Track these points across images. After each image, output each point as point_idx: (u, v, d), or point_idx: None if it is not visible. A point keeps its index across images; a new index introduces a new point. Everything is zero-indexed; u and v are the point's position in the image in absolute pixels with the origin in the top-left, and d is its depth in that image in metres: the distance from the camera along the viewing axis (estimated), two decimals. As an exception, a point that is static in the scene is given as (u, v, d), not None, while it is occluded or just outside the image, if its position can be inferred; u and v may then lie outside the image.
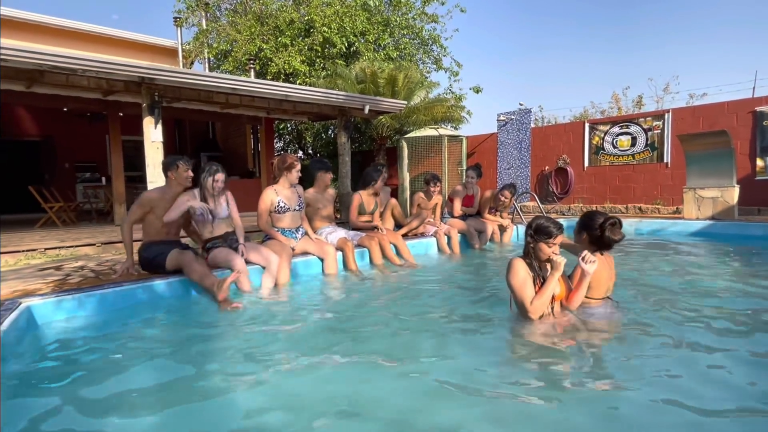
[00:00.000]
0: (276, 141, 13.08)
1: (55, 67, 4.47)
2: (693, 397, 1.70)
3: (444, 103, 10.11)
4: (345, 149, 7.33)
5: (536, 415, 1.67)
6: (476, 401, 1.77)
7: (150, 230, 3.36)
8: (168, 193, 3.40)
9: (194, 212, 3.45)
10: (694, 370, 1.95)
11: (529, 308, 2.36)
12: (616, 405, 1.71)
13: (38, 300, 2.74)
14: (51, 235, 6.09)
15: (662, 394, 1.75)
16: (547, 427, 1.59)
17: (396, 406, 1.74)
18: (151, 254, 3.30)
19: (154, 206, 3.31)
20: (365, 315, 2.95)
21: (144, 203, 3.30)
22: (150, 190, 3.42)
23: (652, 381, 1.85)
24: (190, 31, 11.58)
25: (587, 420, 1.62)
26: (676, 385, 1.83)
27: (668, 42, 34.52)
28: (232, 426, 1.65)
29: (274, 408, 1.76)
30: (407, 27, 11.63)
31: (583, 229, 2.57)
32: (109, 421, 1.67)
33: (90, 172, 11.06)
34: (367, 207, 4.74)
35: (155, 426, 1.66)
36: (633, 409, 1.67)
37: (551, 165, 9.75)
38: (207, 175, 3.48)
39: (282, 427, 1.62)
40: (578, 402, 1.74)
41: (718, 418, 1.61)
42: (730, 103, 7.69)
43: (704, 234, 5.85)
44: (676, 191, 7.94)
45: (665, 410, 1.65)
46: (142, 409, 1.77)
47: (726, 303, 2.94)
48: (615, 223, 2.47)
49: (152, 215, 3.33)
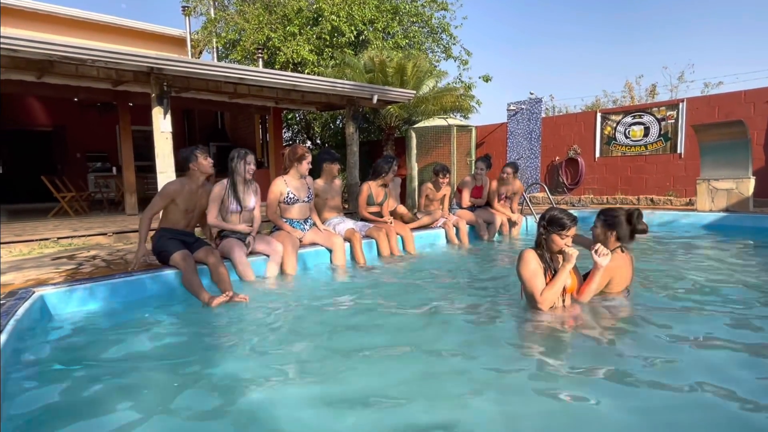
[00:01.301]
0: (284, 131, 13.07)
1: (65, 58, 4.49)
2: (697, 390, 1.69)
3: (453, 92, 9.99)
4: (353, 139, 7.30)
5: (542, 404, 1.67)
6: (484, 391, 1.77)
7: (169, 217, 3.35)
8: (189, 184, 3.37)
9: (228, 204, 3.46)
10: (701, 362, 1.93)
11: (539, 299, 2.35)
12: (624, 397, 1.70)
13: (51, 289, 2.78)
14: (64, 224, 6.18)
15: (668, 386, 1.73)
16: (552, 417, 1.59)
17: (401, 396, 1.74)
18: (160, 246, 3.29)
19: (176, 197, 3.30)
20: (372, 306, 2.95)
21: (166, 195, 3.29)
22: (172, 182, 3.40)
23: (660, 373, 1.84)
24: (199, 20, 11.56)
25: (592, 411, 1.61)
26: (681, 377, 1.81)
27: (684, 30, 33.74)
28: (238, 415, 1.66)
29: (276, 397, 1.77)
30: (416, 14, 11.48)
31: (610, 228, 2.55)
32: (118, 409, 1.70)
33: (101, 162, 11.17)
34: (376, 198, 4.73)
35: (162, 412, 1.68)
36: (640, 402, 1.66)
37: (562, 155, 9.63)
38: (238, 160, 3.48)
39: (283, 418, 1.64)
40: (585, 393, 1.73)
41: (728, 414, 1.59)
42: (747, 92, 7.50)
43: (718, 226, 5.75)
44: (690, 182, 7.81)
45: (674, 403, 1.63)
46: (150, 395, 1.79)
47: (738, 296, 2.90)
48: (640, 213, 2.55)
49: (173, 206, 3.32)
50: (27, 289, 2.72)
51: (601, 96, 13.29)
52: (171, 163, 5.25)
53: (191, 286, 2.99)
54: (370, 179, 4.76)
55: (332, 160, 4.35)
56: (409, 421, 1.59)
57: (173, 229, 3.35)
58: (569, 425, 1.57)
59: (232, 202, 3.47)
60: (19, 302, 2.42)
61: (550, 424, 1.58)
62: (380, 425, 1.58)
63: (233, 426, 1.60)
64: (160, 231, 3.36)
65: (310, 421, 1.62)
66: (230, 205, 3.48)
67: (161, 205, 3.31)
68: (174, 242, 3.23)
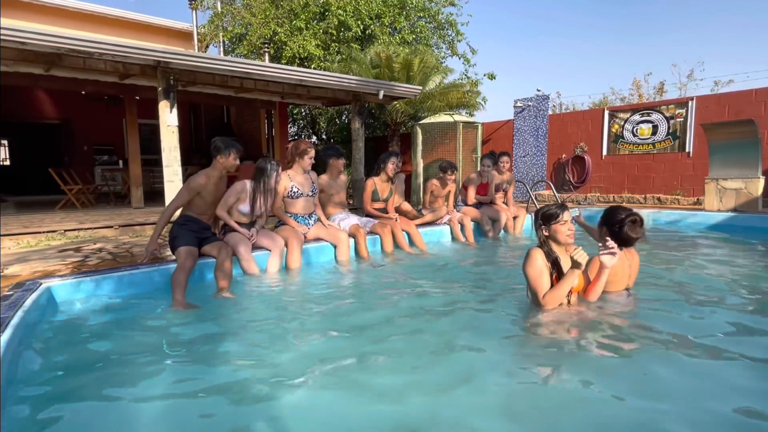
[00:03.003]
0: (290, 126, 13.07)
1: (72, 51, 4.50)
2: (696, 391, 1.67)
3: (459, 88, 9.94)
4: (359, 135, 7.29)
5: (544, 403, 1.67)
6: (486, 388, 1.77)
7: (193, 208, 3.38)
8: (212, 176, 3.39)
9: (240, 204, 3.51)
10: (701, 364, 1.92)
11: (542, 300, 2.34)
12: (627, 396, 1.69)
13: (58, 281, 2.80)
14: (70, 216, 6.22)
15: (670, 387, 1.72)
16: (553, 413, 1.58)
17: (402, 391, 1.74)
18: (176, 231, 3.29)
19: (201, 190, 3.34)
20: (375, 302, 2.95)
21: (193, 188, 3.31)
22: (197, 175, 3.38)
23: (662, 374, 1.83)
24: (206, 14, 11.56)
25: (594, 409, 1.60)
26: (684, 380, 1.80)
27: (694, 26, 33.34)
28: (240, 408, 1.67)
29: (277, 392, 1.77)
30: (423, 9, 11.41)
31: (604, 223, 2.56)
32: (123, 400, 1.71)
33: (108, 155, 11.23)
34: (381, 194, 4.72)
35: (164, 403, 1.69)
36: (643, 402, 1.65)
37: (568, 153, 9.56)
38: (271, 171, 3.54)
39: (285, 414, 1.64)
40: (587, 391, 1.72)
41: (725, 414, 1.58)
42: (758, 90, 7.40)
43: (725, 226, 5.69)
44: (698, 182, 7.73)
45: (671, 405, 1.62)
46: (153, 387, 1.80)
47: (741, 298, 2.87)
48: (636, 220, 2.46)
49: (199, 198, 3.35)
50: (34, 280, 2.74)
51: (608, 93, 13.16)
52: (177, 157, 5.26)
53: (176, 282, 2.89)
54: (374, 175, 4.76)
55: (337, 156, 4.34)
56: (409, 416, 1.59)
57: (197, 220, 3.37)
58: (570, 421, 1.57)
59: (246, 205, 3.52)
60: (26, 293, 2.44)
61: (551, 420, 1.58)
62: (381, 419, 1.58)
63: (237, 419, 1.61)
64: (183, 216, 3.38)
65: (312, 414, 1.62)
66: (242, 207, 3.52)
67: (187, 198, 3.33)
68: (189, 235, 3.24)
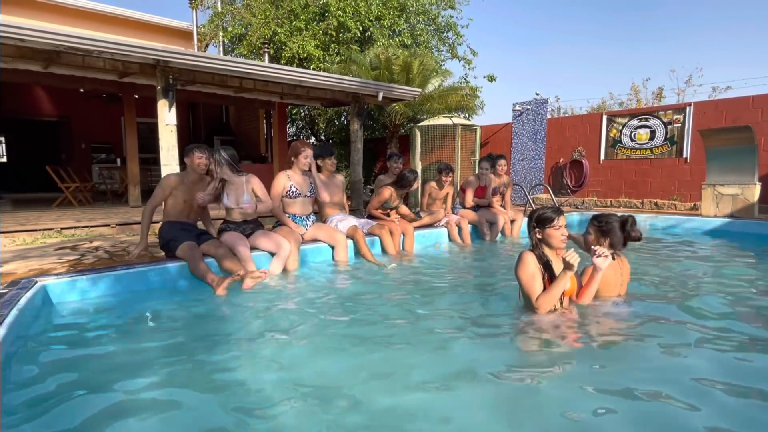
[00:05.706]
0: (289, 126, 13.06)
1: (71, 48, 4.49)
2: (687, 394, 1.68)
3: (459, 91, 9.96)
4: (357, 136, 7.29)
5: (536, 405, 1.67)
6: (478, 391, 1.78)
7: (171, 211, 3.48)
8: (187, 178, 3.50)
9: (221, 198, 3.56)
10: (693, 368, 1.92)
11: (535, 303, 2.35)
12: (619, 400, 1.69)
13: (54, 279, 2.79)
14: (67, 214, 6.20)
15: (663, 391, 1.72)
16: (544, 416, 1.58)
17: (399, 395, 1.74)
18: (167, 237, 3.39)
19: (174, 189, 3.43)
20: (373, 303, 2.95)
21: (165, 187, 3.42)
22: (170, 174, 3.53)
23: (655, 379, 1.83)
24: (205, 14, 11.54)
25: (583, 413, 1.61)
26: (676, 383, 1.80)
27: (693, 33, 33.53)
28: (239, 408, 1.66)
29: (276, 392, 1.77)
30: (423, 12, 11.43)
31: (604, 235, 2.57)
32: (118, 399, 1.70)
33: (105, 153, 11.20)
34: (392, 202, 4.77)
35: (160, 402, 1.69)
36: (635, 405, 1.65)
37: (566, 157, 9.59)
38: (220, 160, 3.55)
39: (285, 411, 1.64)
40: (578, 395, 1.72)
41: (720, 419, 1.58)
42: (756, 97, 7.44)
43: (721, 232, 5.72)
44: (694, 187, 7.77)
45: (666, 408, 1.63)
46: (149, 386, 1.79)
47: (735, 301, 2.88)
48: (634, 220, 2.54)
49: (172, 199, 3.44)
50: (29, 278, 2.73)
51: (607, 98, 13.21)
52: (175, 156, 5.25)
53: (198, 271, 3.10)
54: (392, 185, 4.70)
55: (326, 155, 4.32)
56: (405, 417, 1.59)
57: (177, 221, 3.46)
58: (562, 425, 1.57)
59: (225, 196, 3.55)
60: (21, 292, 2.43)
61: (543, 422, 1.58)
62: (377, 419, 1.58)
63: (233, 418, 1.61)
64: (165, 224, 3.47)
65: (310, 413, 1.62)
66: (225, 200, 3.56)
67: (162, 197, 3.43)
68: (183, 232, 3.35)
